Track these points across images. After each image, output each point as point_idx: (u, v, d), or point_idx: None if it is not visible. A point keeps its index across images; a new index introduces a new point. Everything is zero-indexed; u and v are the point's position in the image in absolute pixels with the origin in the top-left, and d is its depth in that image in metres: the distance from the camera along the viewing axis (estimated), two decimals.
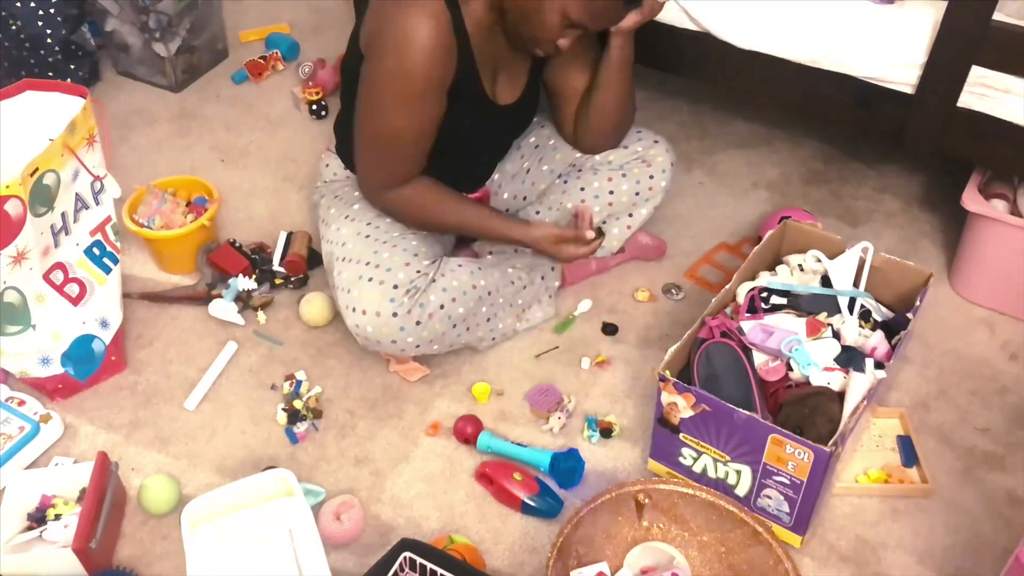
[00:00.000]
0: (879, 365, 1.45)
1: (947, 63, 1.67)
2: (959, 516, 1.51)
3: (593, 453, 1.60)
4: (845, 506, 1.52)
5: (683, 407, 1.40)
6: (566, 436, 1.63)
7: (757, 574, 1.36)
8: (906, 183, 2.19)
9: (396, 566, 1.27)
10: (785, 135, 2.32)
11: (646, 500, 1.40)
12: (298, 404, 1.64)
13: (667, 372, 1.41)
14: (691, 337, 1.49)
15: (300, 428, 1.63)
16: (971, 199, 1.78)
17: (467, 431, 1.59)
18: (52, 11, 2.25)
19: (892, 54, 1.73)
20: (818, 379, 1.44)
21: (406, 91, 1.49)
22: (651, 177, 1.81)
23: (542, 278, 1.79)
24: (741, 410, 1.35)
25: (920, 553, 1.46)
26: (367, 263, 1.60)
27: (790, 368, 1.47)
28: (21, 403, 1.63)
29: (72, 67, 2.37)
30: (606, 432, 1.62)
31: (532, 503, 1.48)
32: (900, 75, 1.74)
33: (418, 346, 1.60)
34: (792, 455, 1.33)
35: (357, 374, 1.73)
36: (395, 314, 1.55)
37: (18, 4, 2.22)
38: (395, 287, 1.56)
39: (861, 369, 1.43)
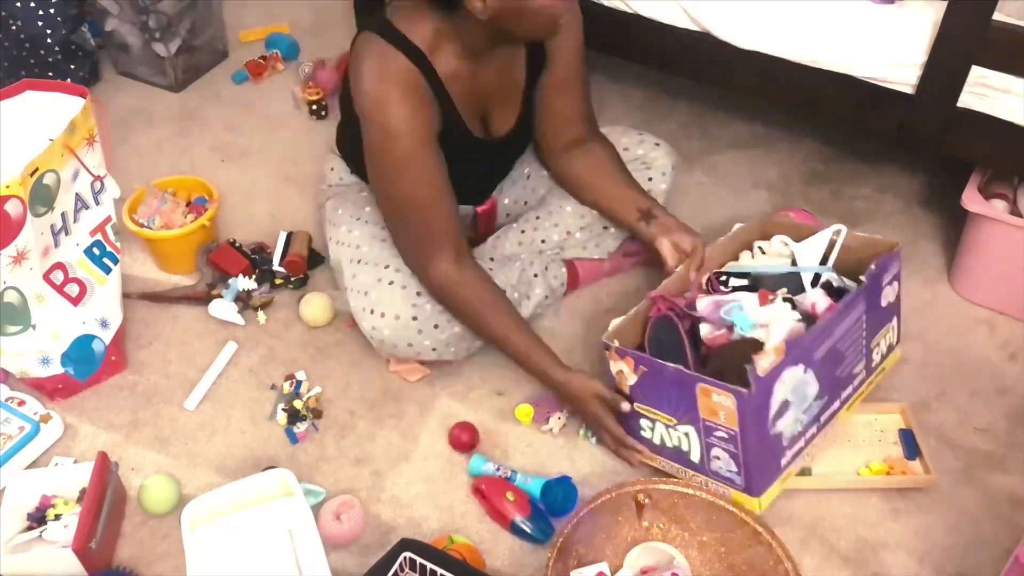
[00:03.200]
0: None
1: (947, 63, 1.67)
2: (959, 516, 1.51)
3: (593, 454, 1.60)
4: (845, 506, 1.52)
5: (628, 373, 1.42)
6: (565, 436, 1.63)
7: (757, 574, 1.36)
8: (906, 183, 2.19)
9: (396, 566, 1.27)
10: (785, 135, 2.32)
11: (646, 500, 1.40)
12: (298, 404, 1.64)
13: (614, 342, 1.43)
14: (640, 312, 1.53)
15: (300, 428, 1.63)
16: (971, 199, 1.78)
17: (463, 439, 1.59)
18: (52, 11, 2.25)
19: (892, 54, 1.73)
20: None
21: (399, 156, 1.49)
22: (650, 180, 1.80)
23: (546, 268, 1.79)
24: (669, 363, 1.37)
25: (920, 553, 1.46)
26: (386, 266, 1.60)
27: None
28: (21, 403, 1.62)
29: (72, 67, 2.37)
30: None
31: (522, 526, 1.46)
32: (900, 75, 1.74)
33: (434, 349, 1.60)
34: (719, 403, 1.34)
35: (357, 374, 1.73)
36: (415, 317, 1.55)
37: (18, 4, 2.22)
38: (418, 294, 1.57)
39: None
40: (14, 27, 2.24)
